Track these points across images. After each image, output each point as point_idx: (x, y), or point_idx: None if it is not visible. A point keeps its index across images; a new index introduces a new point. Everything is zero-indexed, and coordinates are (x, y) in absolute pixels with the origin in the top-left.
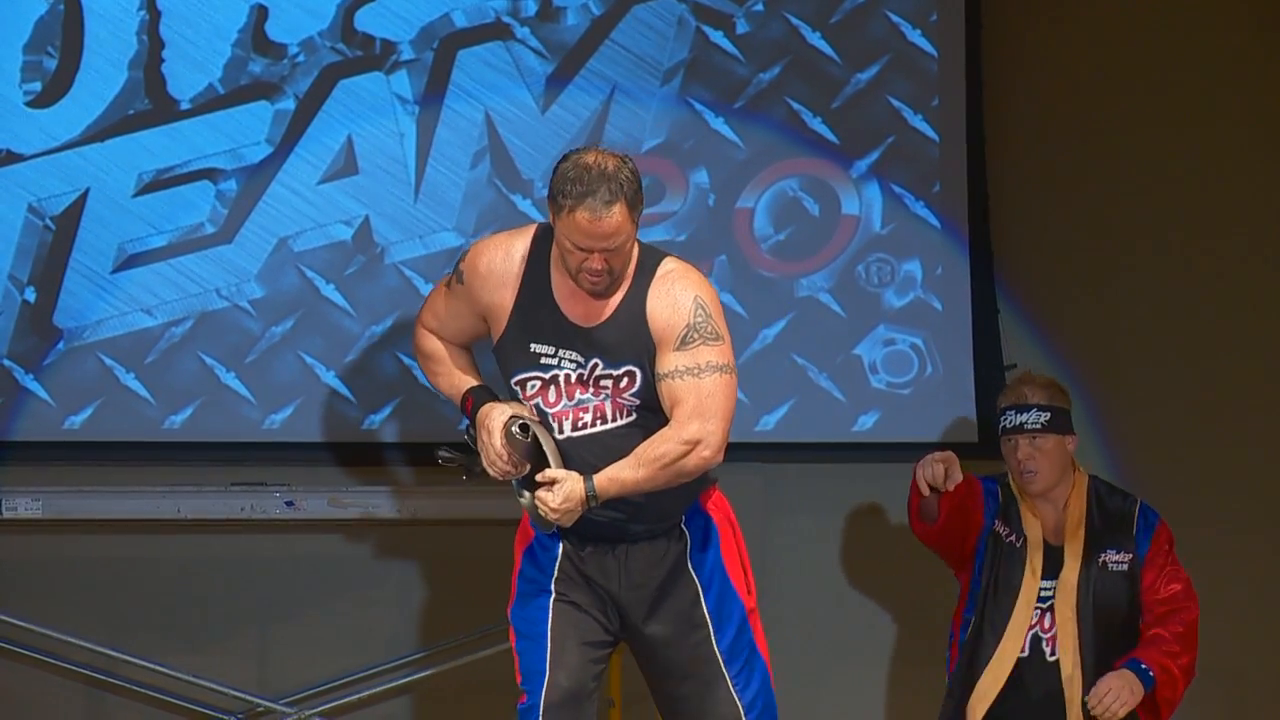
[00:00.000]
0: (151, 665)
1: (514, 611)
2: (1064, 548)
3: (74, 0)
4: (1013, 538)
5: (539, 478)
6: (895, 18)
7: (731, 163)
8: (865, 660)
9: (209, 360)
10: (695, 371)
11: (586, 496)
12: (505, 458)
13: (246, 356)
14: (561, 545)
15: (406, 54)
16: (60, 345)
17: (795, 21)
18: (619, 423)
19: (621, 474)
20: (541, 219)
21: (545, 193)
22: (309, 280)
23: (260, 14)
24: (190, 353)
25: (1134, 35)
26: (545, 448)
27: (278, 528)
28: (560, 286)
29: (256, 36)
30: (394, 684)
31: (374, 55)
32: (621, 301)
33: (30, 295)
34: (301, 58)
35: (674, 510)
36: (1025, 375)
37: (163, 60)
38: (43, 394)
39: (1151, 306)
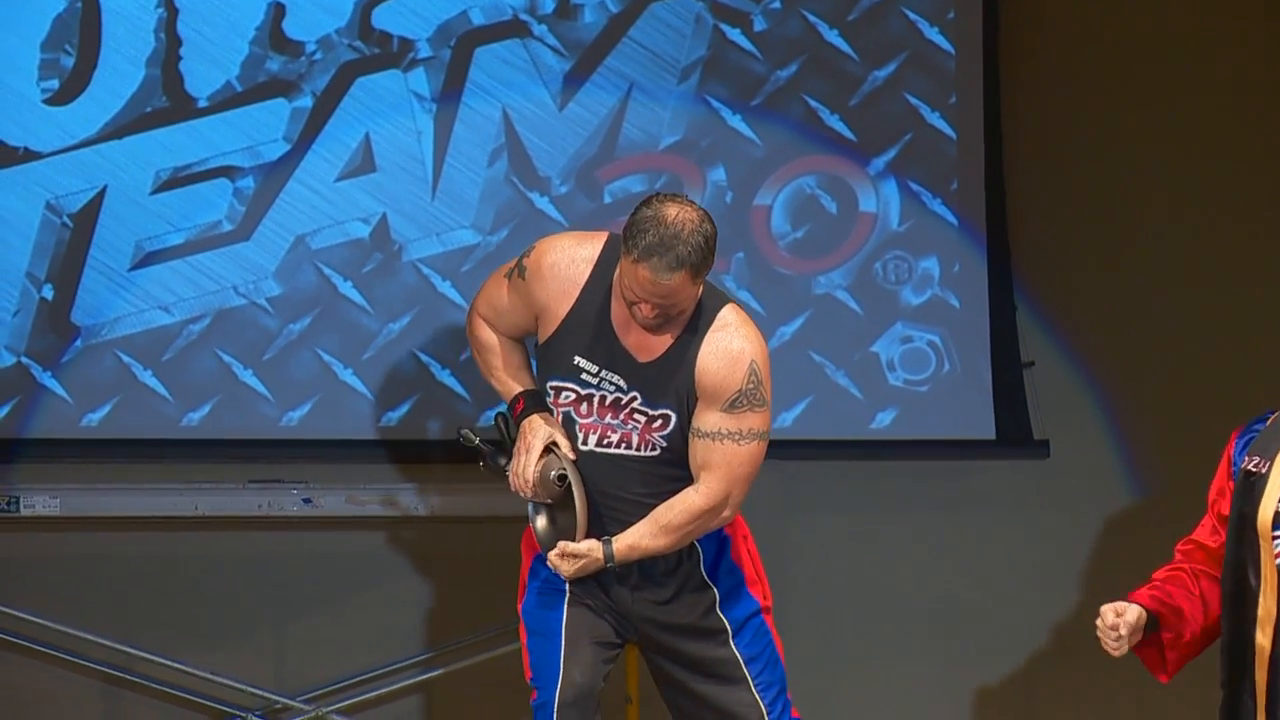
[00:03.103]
0: (168, 662)
1: (526, 608)
2: None
3: None
4: (1263, 465)
5: (566, 549)
6: (913, 15)
7: (749, 160)
8: (883, 658)
9: (226, 358)
10: (736, 437)
11: (604, 564)
12: (530, 486)
13: (264, 354)
14: None
15: (424, 52)
16: (78, 343)
17: (813, 19)
18: (643, 454)
19: (641, 543)
20: (559, 217)
21: (562, 190)
22: (326, 278)
23: (278, 11)
24: (208, 350)
25: (1152, 33)
26: (576, 502)
27: (295, 525)
28: (618, 309)
29: (274, 34)
30: (411, 681)
31: (391, 53)
32: (673, 344)
33: (48, 293)
34: (319, 55)
35: None
36: None
37: (180, 58)
38: (60, 391)
39: (1170, 303)
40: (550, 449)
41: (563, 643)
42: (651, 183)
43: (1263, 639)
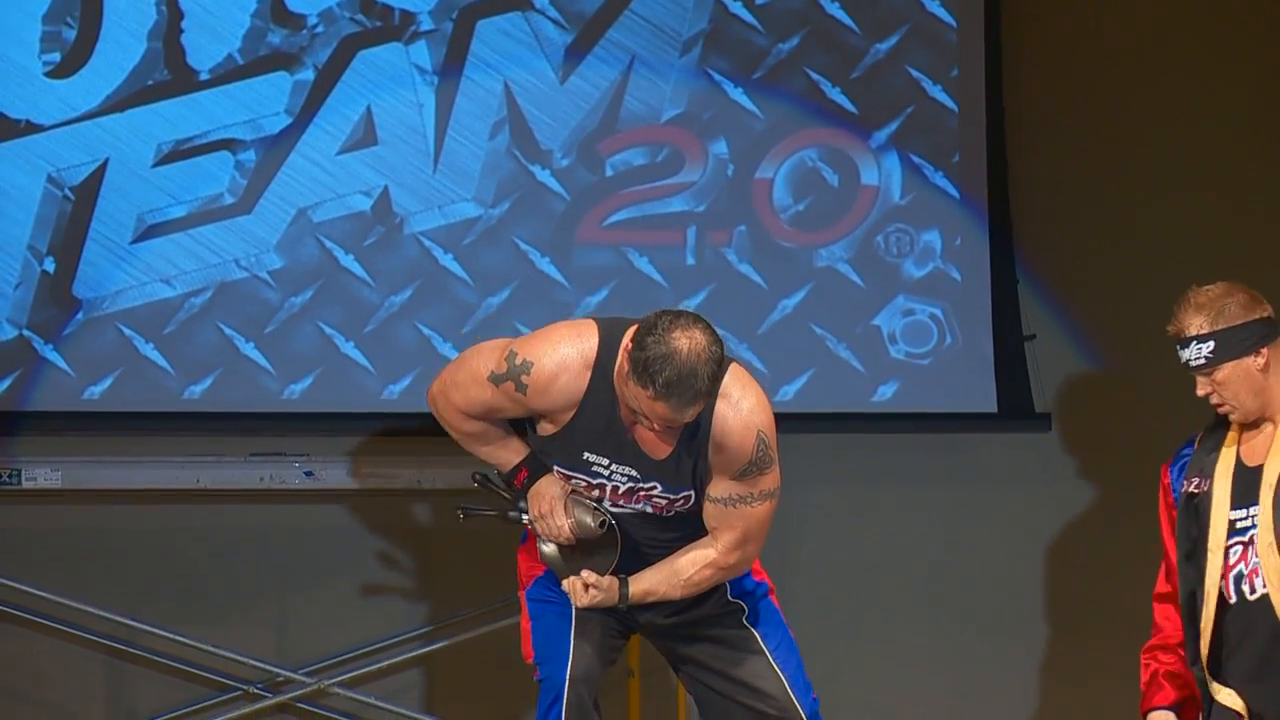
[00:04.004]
0: (171, 635)
1: (531, 594)
2: (1263, 468)
3: None
4: (1203, 484)
5: (589, 580)
6: None
7: (750, 133)
8: (883, 630)
9: (228, 330)
10: (748, 500)
11: (617, 604)
12: (569, 535)
13: (266, 327)
14: None
15: (425, 25)
16: (79, 315)
17: None
18: (661, 516)
19: (657, 589)
20: (560, 190)
21: (564, 163)
22: (328, 251)
23: None
24: (209, 323)
25: (1154, 7)
26: (618, 546)
27: (297, 498)
28: (626, 409)
29: (275, 7)
30: (413, 654)
31: (393, 26)
32: (682, 434)
33: (50, 265)
34: (320, 28)
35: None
36: (1187, 295)
37: (182, 31)
38: (62, 364)
39: (1171, 276)
40: (569, 498)
41: (573, 621)
42: (653, 155)
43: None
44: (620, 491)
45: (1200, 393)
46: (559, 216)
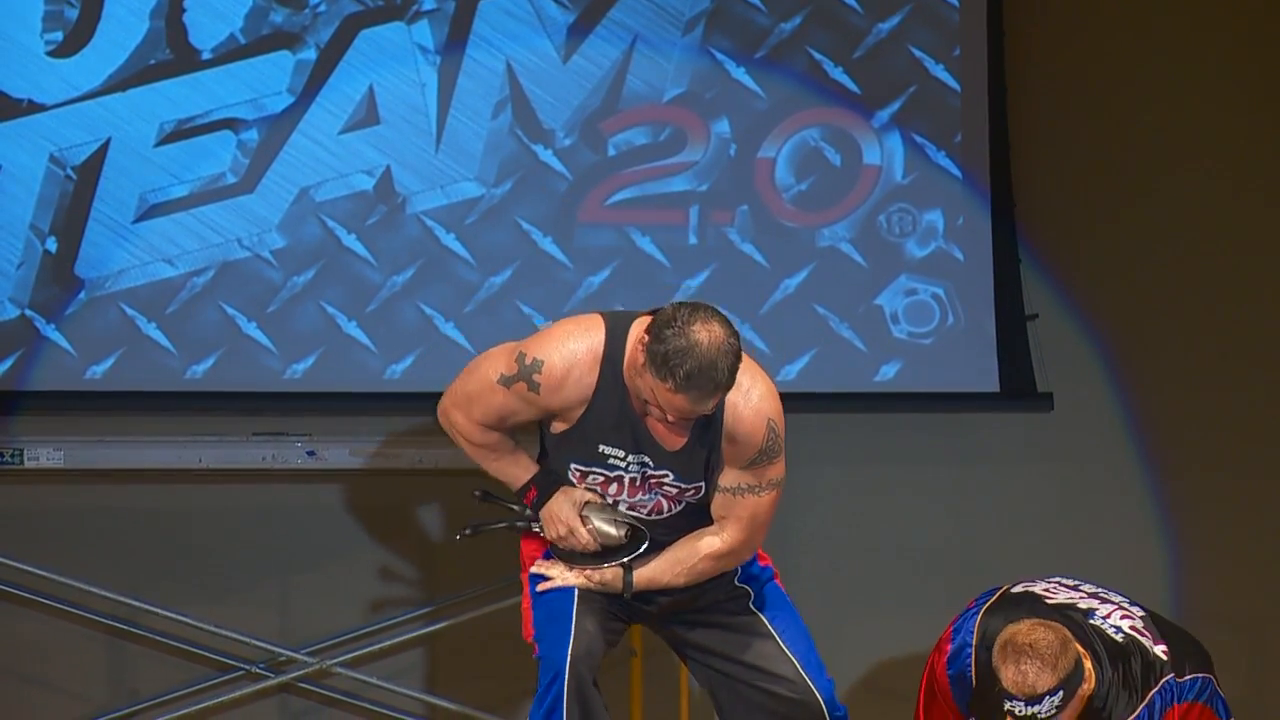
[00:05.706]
0: (173, 615)
1: (534, 575)
2: None
3: None
4: None
5: (592, 577)
6: None
7: (753, 113)
8: (886, 610)
9: (230, 310)
10: (756, 489)
11: (621, 590)
12: (594, 547)
13: (268, 306)
14: None
15: (428, 3)
16: (81, 295)
17: None
18: (674, 511)
19: (661, 579)
20: (563, 169)
21: (566, 142)
22: (330, 230)
23: None
24: (211, 303)
25: None
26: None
27: (299, 477)
28: (638, 400)
29: None
30: (415, 634)
31: (395, 5)
32: (697, 422)
33: (51, 245)
34: (323, 7)
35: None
36: (1021, 653)
37: (184, 10)
38: (64, 344)
39: (1173, 255)
40: (584, 511)
41: (575, 602)
42: (655, 135)
43: None
44: (637, 483)
45: None
46: (561, 196)
